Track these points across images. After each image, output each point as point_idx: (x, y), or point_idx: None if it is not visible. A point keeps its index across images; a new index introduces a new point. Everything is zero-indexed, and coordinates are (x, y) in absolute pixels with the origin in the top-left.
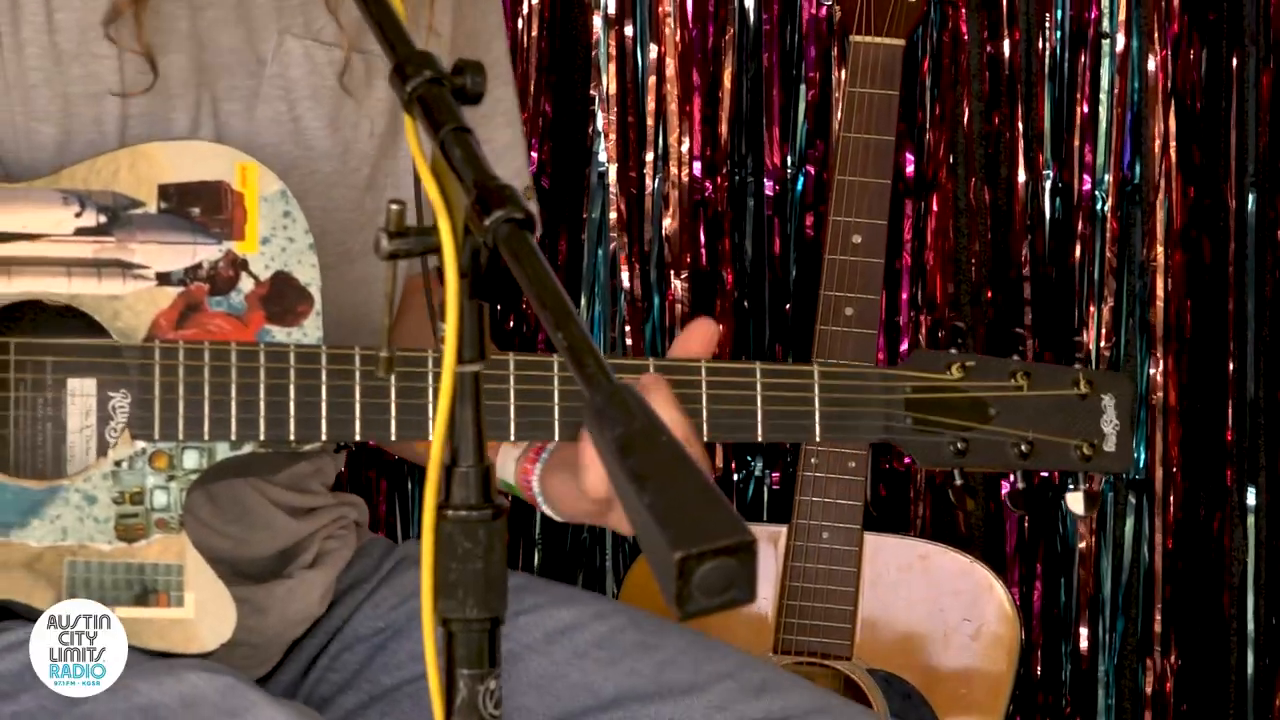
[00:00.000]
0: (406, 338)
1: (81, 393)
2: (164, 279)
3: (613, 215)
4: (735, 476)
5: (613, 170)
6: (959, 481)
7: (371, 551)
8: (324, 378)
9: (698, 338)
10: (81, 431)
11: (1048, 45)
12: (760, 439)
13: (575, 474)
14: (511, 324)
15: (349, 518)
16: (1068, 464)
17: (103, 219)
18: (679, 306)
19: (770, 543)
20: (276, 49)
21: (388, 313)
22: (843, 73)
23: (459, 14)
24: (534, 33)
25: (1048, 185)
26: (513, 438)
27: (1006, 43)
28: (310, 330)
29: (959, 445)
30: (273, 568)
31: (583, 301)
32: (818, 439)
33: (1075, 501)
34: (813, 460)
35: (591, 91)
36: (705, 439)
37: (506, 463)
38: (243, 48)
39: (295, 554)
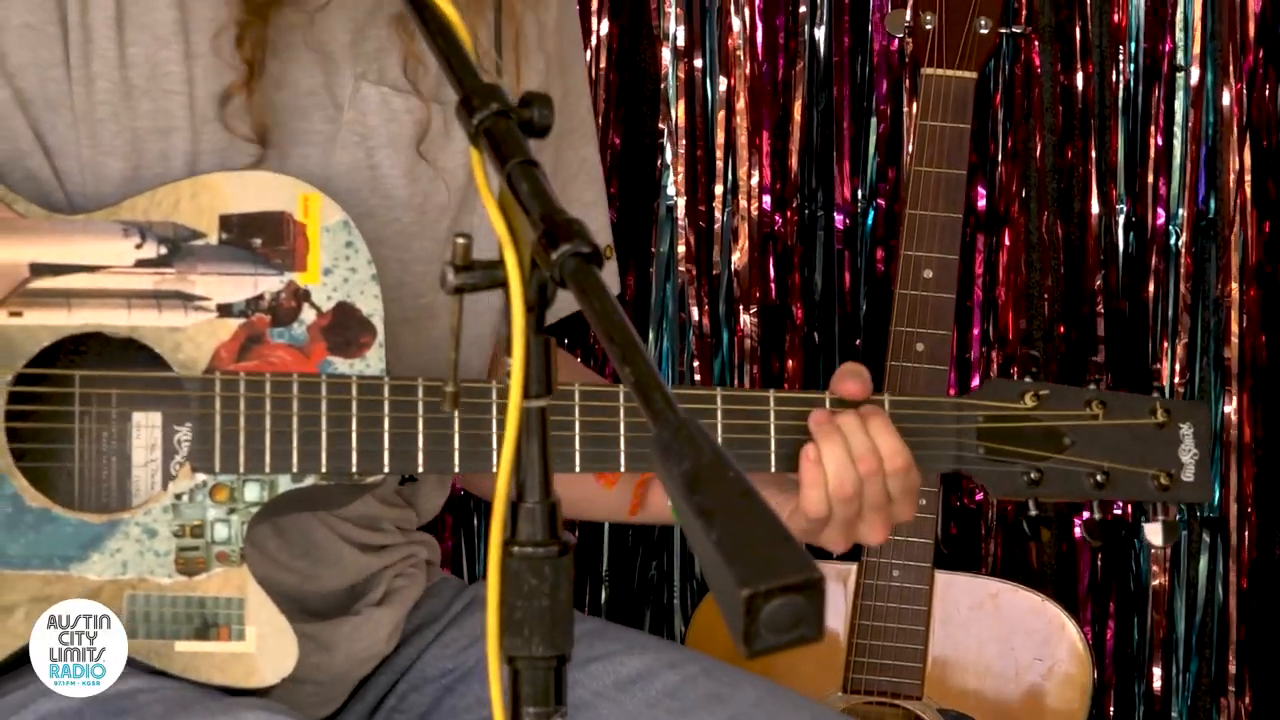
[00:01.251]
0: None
1: (147, 425)
2: (225, 310)
3: (681, 249)
4: None
5: (681, 203)
6: (1033, 512)
7: (442, 591)
8: (387, 409)
9: (850, 390)
10: (147, 465)
11: (1121, 78)
12: None
13: (783, 494)
14: (579, 358)
15: (420, 556)
16: (1145, 494)
17: (163, 250)
18: (748, 341)
19: (840, 581)
20: (353, 94)
21: (453, 347)
22: (914, 105)
23: (547, 72)
24: (603, 65)
25: (1121, 219)
26: (578, 469)
27: (1080, 76)
28: (373, 361)
29: (1033, 475)
30: (340, 604)
31: (650, 336)
32: None
33: (1154, 533)
34: None
35: (660, 124)
36: (772, 469)
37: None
38: (320, 91)
39: (364, 591)
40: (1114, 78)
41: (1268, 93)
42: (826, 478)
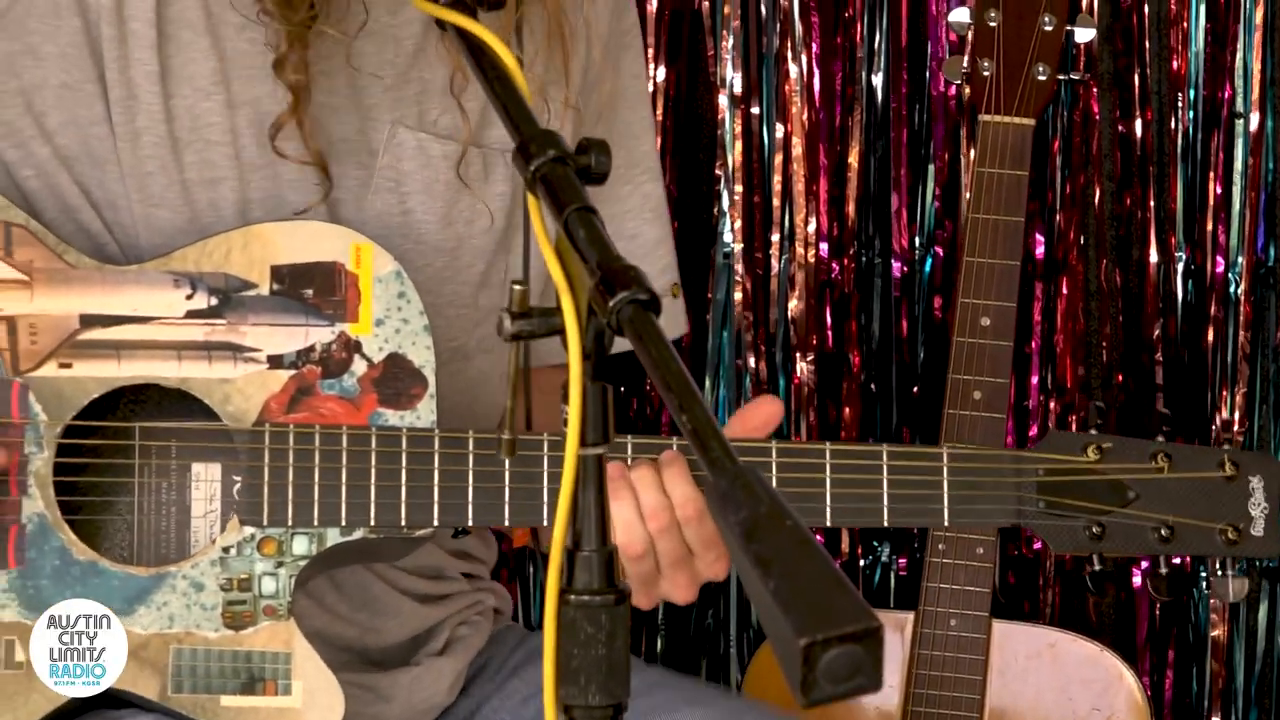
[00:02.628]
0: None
1: (207, 479)
2: (275, 362)
3: (738, 296)
4: (862, 562)
5: (738, 250)
6: (1097, 567)
7: (506, 639)
8: (437, 462)
9: (758, 417)
10: (206, 517)
11: (1180, 125)
12: (886, 524)
13: None
14: (635, 406)
15: (486, 604)
16: (1212, 549)
17: (214, 301)
18: (805, 389)
19: (897, 630)
20: (389, 140)
21: (509, 394)
22: (972, 152)
23: (610, 109)
24: (659, 111)
25: (1180, 267)
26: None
27: (1139, 122)
28: (424, 413)
29: (1095, 529)
30: (402, 655)
31: (707, 383)
32: (946, 524)
33: (1234, 590)
34: (940, 546)
35: (717, 171)
36: (828, 524)
37: None
38: (355, 137)
39: (425, 640)
40: (1173, 124)
41: None
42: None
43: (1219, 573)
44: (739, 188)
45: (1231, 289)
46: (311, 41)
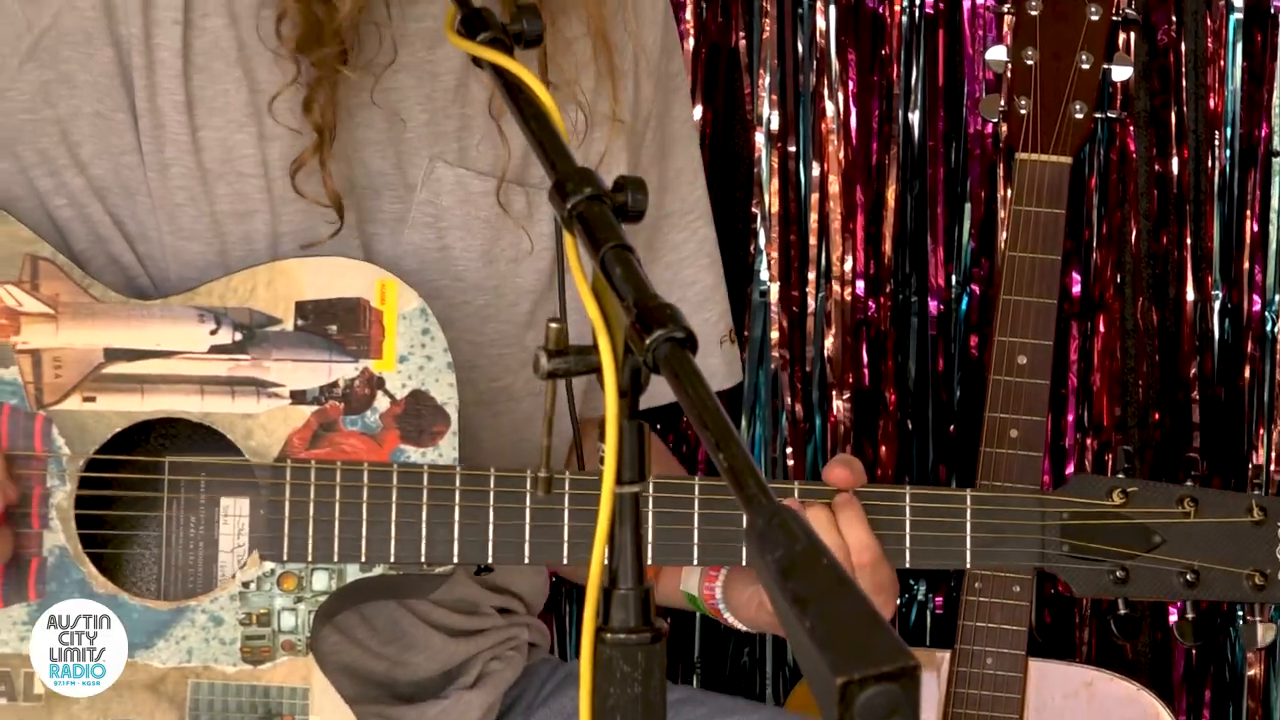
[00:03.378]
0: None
1: (235, 513)
2: (298, 397)
3: (774, 334)
4: (898, 600)
5: (774, 289)
6: (1122, 611)
7: (539, 671)
8: (457, 499)
9: (834, 475)
10: (234, 552)
11: (1217, 163)
12: (908, 565)
13: (759, 585)
14: (671, 443)
15: (521, 638)
16: (1239, 594)
17: (238, 336)
18: (841, 427)
19: (933, 668)
20: (427, 175)
21: (546, 433)
22: (1009, 190)
23: (663, 154)
24: None
25: (1217, 306)
26: (650, 561)
27: (1175, 161)
28: (446, 450)
29: (1119, 574)
30: (432, 689)
31: (743, 422)
32: (968, 565)
33: (1254, 632)
34: (976, 585)
35: (754, 209)
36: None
37: (690, 575)
38: (392, 172)
39: (456, 675)
40: (1209, 163)
41: None
42: None
43: (1248, 618)
44: (775, 226)
45: (1268, 327)
46: (346, 77)
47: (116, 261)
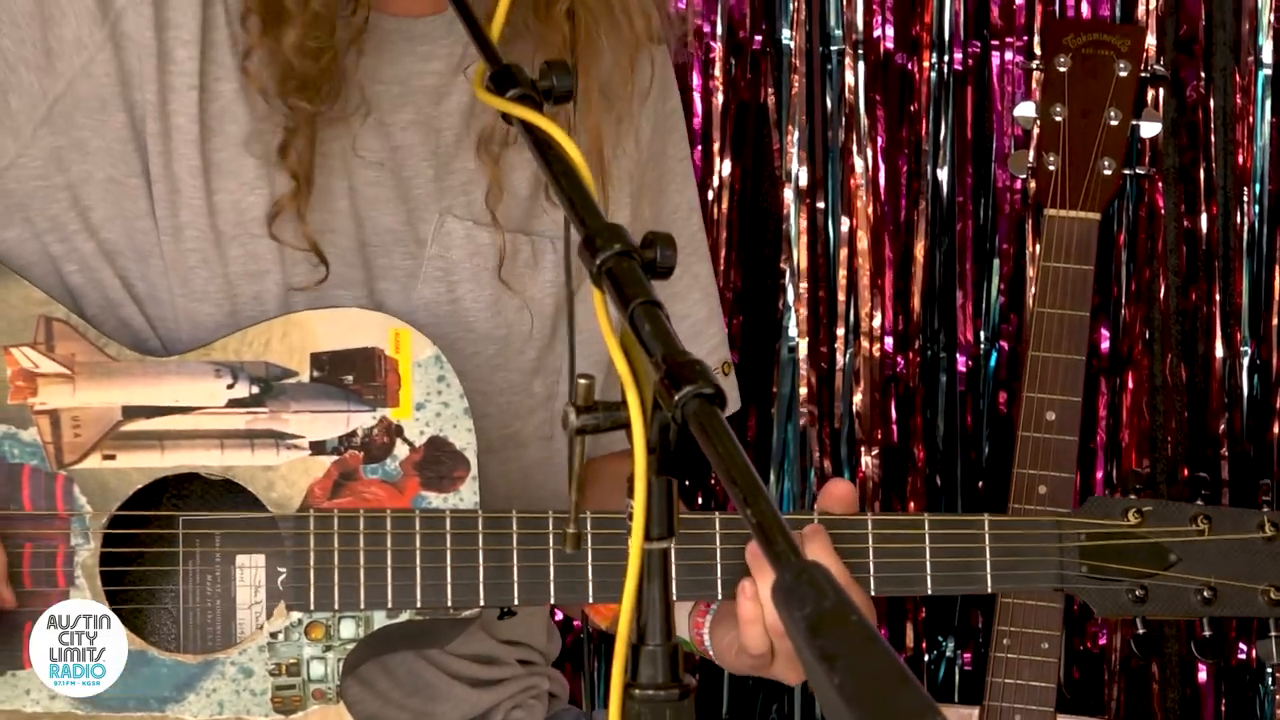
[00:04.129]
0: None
1: (251, 566)
2: (318, 448)
3: (803, 390)
4: (926, 657)
5: (803, 345)
6: (1141, 630)
7: (562, 719)
8: (481, 542)
9: (835, 498)
10: (251, 608)
11: (1246, 219)
12: (930, 591)
13: (732, 628)
14: (700, 500)
15: (541, 688)
16: (1255, 610)
17: (255, 390)
18: (870, 483)
19: None
20: (437, 229)
21: (575, 489)
22: (1037, 246)
23: (659, 191)
24: (724, 206)
25: (1245, 362)
26: (674, 596)
27: (1204, 217)
28: (467, 495)
29: (1138, 593)
30: None
31: (772, 478)
32: (989, 590)
33: (1266, 649)
34: (1005, 641)
35: (782, 265)
36: (872, 593)
37: (680, 617)
38: (402, 228)
39: None
40: (1238, 219)
41: None
42: (763, 612)
43: (1272, 634)
44: (804, 282)
45: None
46: (355, 132)
47: (127, 325)
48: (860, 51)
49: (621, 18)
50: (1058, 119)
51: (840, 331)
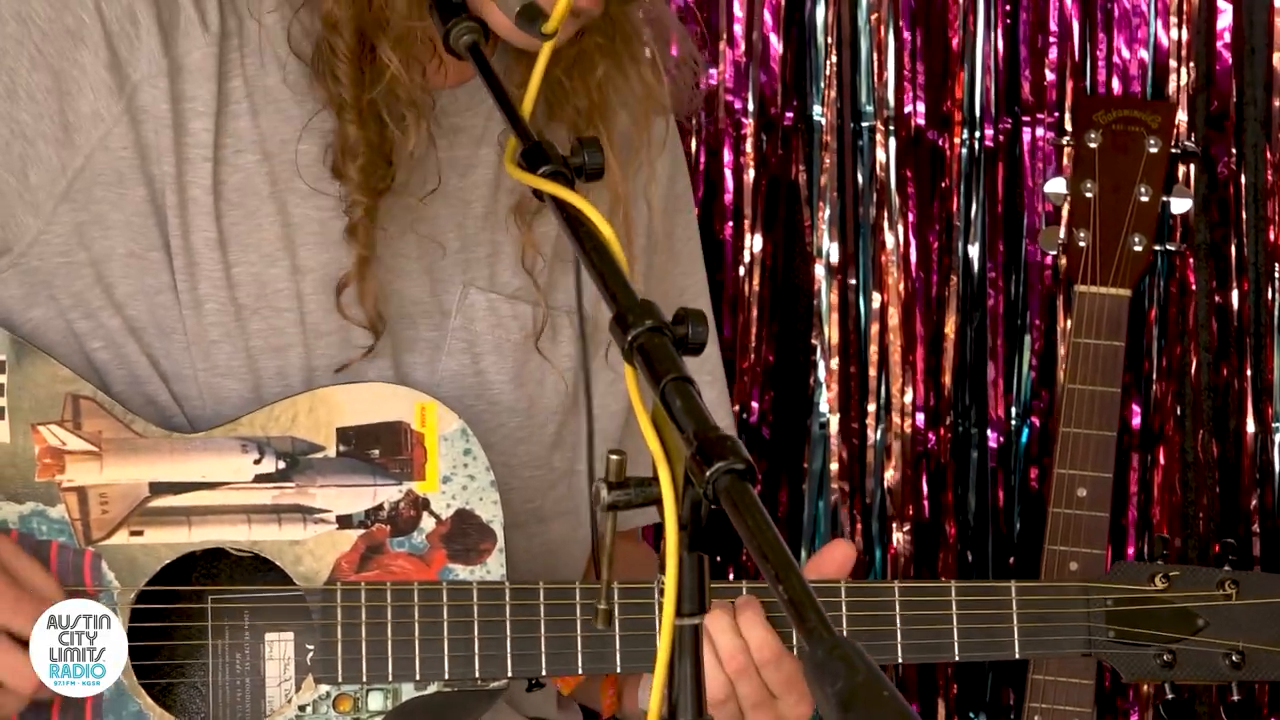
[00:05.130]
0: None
1: (279, 641)
2: (345, 522)
3: (834, 466)
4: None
5: (834, 421)
6: (1170, 695)
7: None
8: (508, 613)
9: (832, 560)
10: (281, 684)
11: (1277, 295)
12: (958, 658)
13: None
14: (731, 576)
15: None
16: None
17: (282, 465)
18: (901, 559)
19: None
20: (460, 301)
21: (607, 566)
22: (1068, 322)
23: (663, 272)
24: (755, 282)
25: (1277, 438)
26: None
27: (1235, 293)
28: (494, 567)
29: (1166, 658)
30: None
31: (803, 554)
32: (1016, 655)
33: None
34: (1036, 718)
35: (813, 341)
36: (899, 661)
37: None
38: (427, 299)
39: None
40: (1270, 295)
41: None
42: (713, 646)
43: None
44: (835, 358)
45: None
46: (382, 206)
47: (153, 401)
48: (891, 128)
49: (636, 81)
50: (1088, 195)
51: (871, 407)
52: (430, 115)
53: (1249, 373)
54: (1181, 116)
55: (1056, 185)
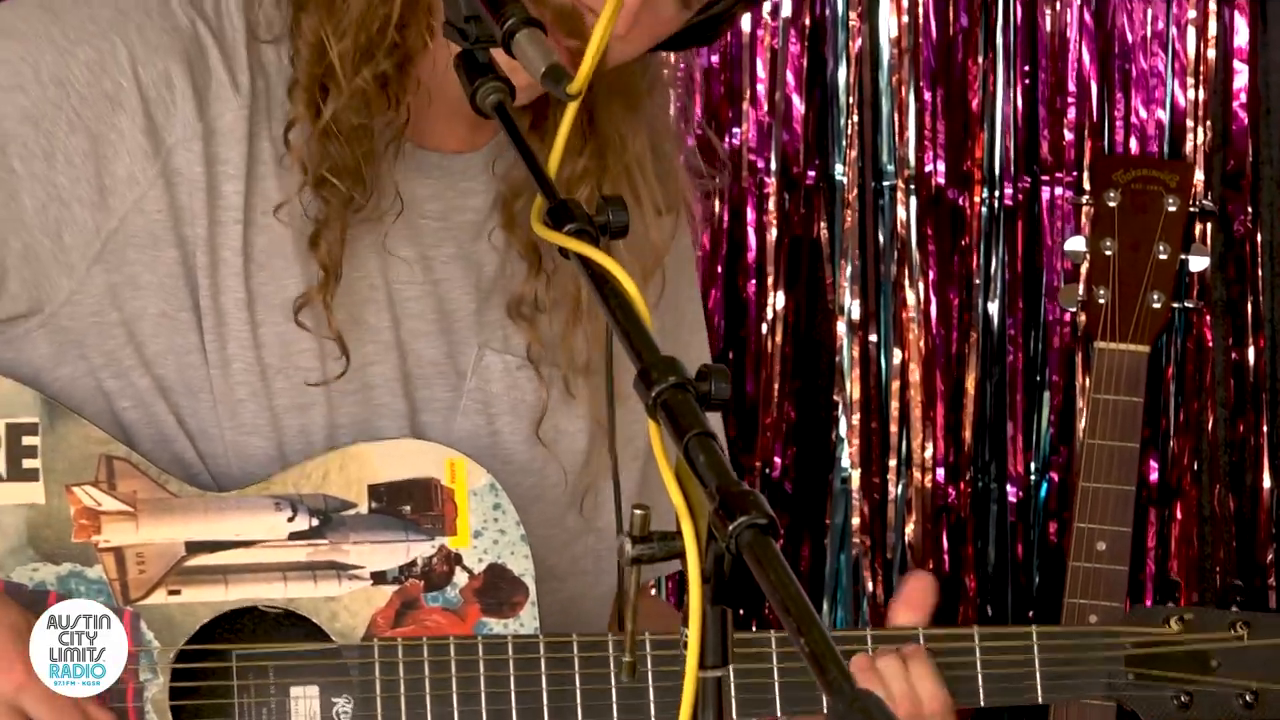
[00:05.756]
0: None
1: (305, 697)
2: (379, 578)
3: (855, 520)
4: None
5: (856, 476)
6: None
7: None
8: (543, 666)
9: (916, 594)
10: None
11: None
12: (982, 703)
13: None
14: (755, 629)
15: None
16: None
17: (315, 522)
18: None
19: None
20: (476, 362)
21: (631, 618)
22: (1087, 379)
23: (674, 335)
24: (778, 339)
25: None
26: (734, 714)
27: (1251, 350)
28: (527, 620)
29: (1183, 698)
30: None
31: (825, 606)
32: (1040, 699)
33: None
34: None
35: (835, 397)
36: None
37: None
38: (443, 360)
39: None
40: None
41: None
42: None
43: None
44: (856, 413)
45: None
46: (394, 266)
47: (179, 460)
48: (912, 186)
49: (647, 190)
50: (1108, 253)
51: (892, 462)
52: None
53: (1265, 429)
54: (1199, 176)
55: (1076, 243)
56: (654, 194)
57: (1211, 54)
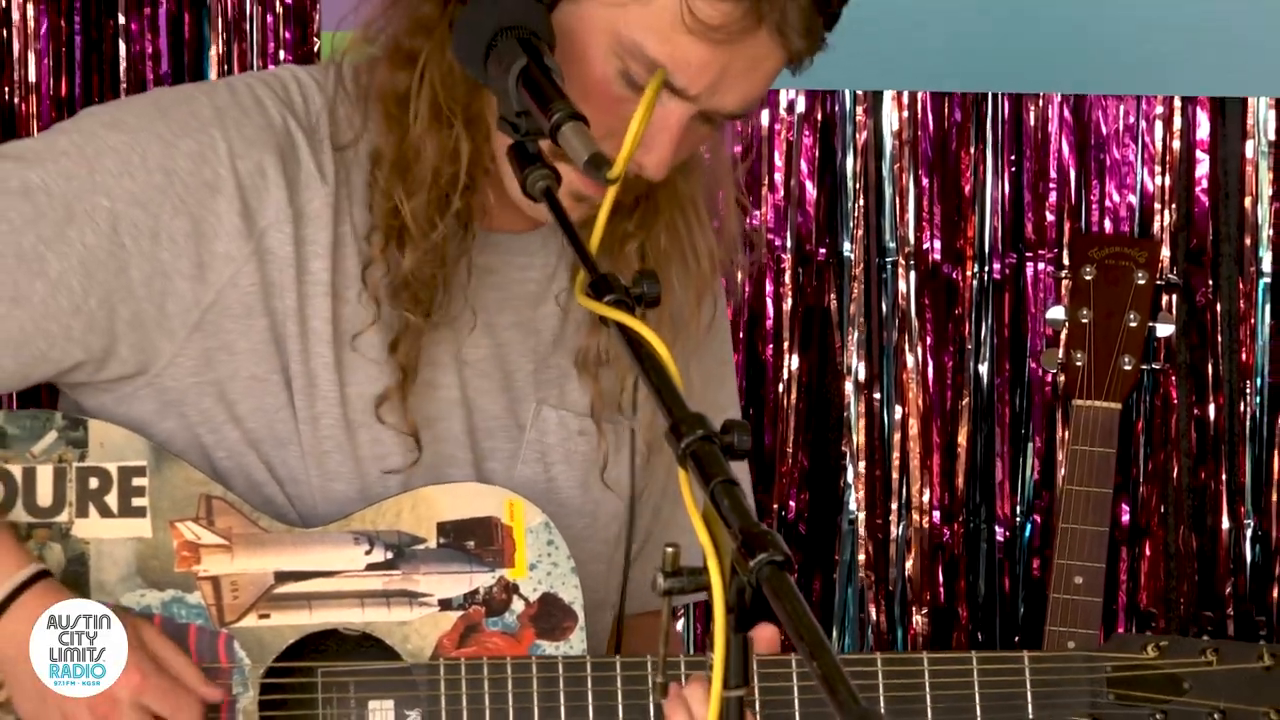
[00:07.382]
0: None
1: (382, 710)
2: (445, 604)
3: (861, 557)
4: None
5: (862, 518)
6: None
7: None
8: (589, 684)
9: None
10: None
11: (1249, 408)
12: None
13: None
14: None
15: None
16: None
17: (389, 555)
18: (920, 639)
19: None
20: (534, 417)
21: (663, 643)
22: (1066, 432)
23: (702, 394)
24: (793, 396)
25: (1249, 533)
26: None
27: (1211, 406)
28: (575, 643)
29: (1158, 716)
30: None
31: (834, 633)
32: (1030, 717)
33: None
34: None
35: (843, 448)
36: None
37: None
38: (505, 414)
39: None
40: (1242, 408)
41: None
42: None
43: None
44: (862, 462)
45: None
46: (464, 337)
47: (270, 502)
48: (911, 262)
49: (691, 260)
50: (1084, 321)
51: (894, 506)
52: (481, 249)
53: (1224, 476)
54: (1165, 253)
55: (1056, 313)
56: (698, 257)
57: (1177, 145)
